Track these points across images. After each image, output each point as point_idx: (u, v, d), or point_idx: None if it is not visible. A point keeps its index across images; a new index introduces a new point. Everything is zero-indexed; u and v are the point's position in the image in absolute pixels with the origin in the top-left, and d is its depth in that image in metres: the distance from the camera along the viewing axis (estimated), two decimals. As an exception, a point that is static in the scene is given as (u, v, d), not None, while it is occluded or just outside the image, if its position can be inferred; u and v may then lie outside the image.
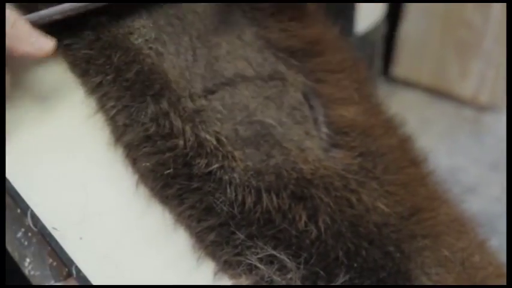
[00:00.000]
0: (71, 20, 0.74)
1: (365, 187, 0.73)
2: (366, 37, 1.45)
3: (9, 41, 0.67)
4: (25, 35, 0.68)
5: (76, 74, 0.76)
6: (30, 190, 0.71)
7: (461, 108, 2.46)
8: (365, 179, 0.74)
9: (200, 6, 0.79)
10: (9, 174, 0.71)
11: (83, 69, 0.75)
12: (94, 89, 0.74)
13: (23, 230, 0.73)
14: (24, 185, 0.71)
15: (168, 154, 0.71)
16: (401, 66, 2.42)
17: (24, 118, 0.74)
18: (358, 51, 1.05)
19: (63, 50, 0.75)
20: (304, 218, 0.70)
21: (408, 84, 2.49)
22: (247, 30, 0.80)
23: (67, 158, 0.73)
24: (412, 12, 2.37)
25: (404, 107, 2.31)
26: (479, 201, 2.02)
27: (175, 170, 0.70)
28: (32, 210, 0.70)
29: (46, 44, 0.69)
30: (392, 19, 2.25)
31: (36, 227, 0.70)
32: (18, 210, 0.72)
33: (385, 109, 0.85)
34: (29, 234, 0.73)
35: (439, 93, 2.46)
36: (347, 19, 1.33)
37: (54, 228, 0.69)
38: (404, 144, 0.82)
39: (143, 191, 0.72)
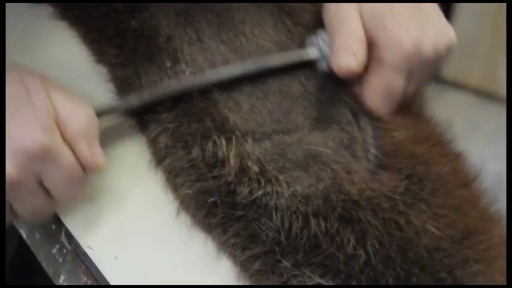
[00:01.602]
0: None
1: (413, 209, 0.70)
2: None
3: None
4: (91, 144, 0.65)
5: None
6: (65, 208, 0.70)
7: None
8: (413, 201, 0.71)
9: (247, 28, 0.78)
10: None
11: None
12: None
13: (57, 246, 0.72)
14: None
15: (211, 182, 0.68)
16: (451, 67, 2.37)
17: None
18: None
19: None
20: (352, 241, 0.67)
21: (457, 85, 2.44)
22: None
23: (104, 176, 0.71)
24: (462, 13, 2.32)
25: (453, 109, 2.26)
26: (529, 208, 1.97)
27: (219, 198, 0.68)
28: (66, 228, 0.69)
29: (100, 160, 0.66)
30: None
31: (70, 244, 0.69)
32: (53, 226, 0.71)
33: (435, 125, 0.81)
34: (64, 251, 0.72)
35: (488, 95, 2.41)
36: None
37: (89, 247, 0.67)
38: (455, 165, 0.78)
39: (184, 216, 0.70)
